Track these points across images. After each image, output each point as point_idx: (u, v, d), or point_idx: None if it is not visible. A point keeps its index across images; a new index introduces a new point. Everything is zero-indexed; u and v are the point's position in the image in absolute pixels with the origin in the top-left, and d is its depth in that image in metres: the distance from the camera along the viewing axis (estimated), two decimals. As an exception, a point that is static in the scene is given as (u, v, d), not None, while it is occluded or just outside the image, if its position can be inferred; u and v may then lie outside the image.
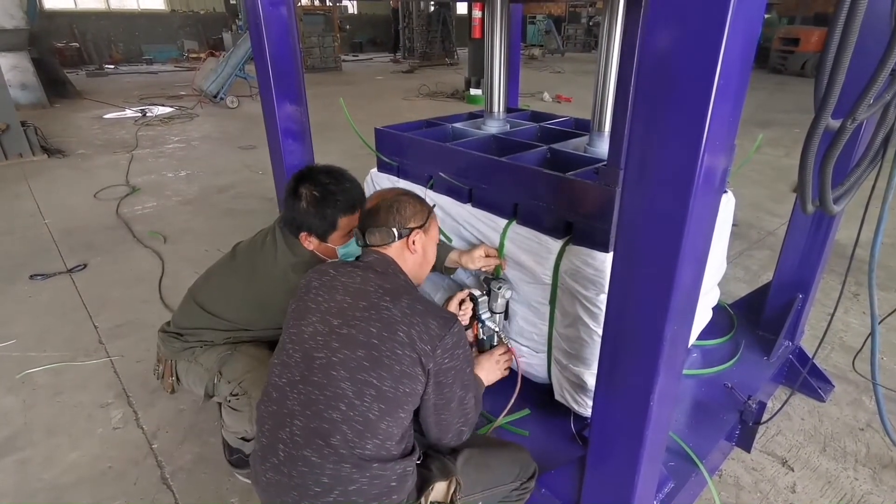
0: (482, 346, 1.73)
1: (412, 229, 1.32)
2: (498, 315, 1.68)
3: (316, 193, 1.55)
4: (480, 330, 1.67)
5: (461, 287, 1.71)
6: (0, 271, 3.36)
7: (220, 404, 1.79)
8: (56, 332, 2.72)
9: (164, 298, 3.03)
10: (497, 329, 1.69)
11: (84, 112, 8.65)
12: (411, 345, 1.11)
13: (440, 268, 1.78)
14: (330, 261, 1.35)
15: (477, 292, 1.66)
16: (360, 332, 1.13)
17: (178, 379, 1.78)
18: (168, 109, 8.82)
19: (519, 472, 1.38)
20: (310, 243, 1.60)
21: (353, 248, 1.63)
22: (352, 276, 1.24)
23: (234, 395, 1.63)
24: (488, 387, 1.58)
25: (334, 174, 1.61)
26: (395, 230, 1.30)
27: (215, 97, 9.07)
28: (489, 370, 1.61)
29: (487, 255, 1.70)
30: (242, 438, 1.76)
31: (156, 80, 12.59)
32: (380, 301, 1.17)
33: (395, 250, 1.31)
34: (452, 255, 1.76)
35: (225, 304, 1.69)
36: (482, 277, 1.72)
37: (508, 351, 1.71)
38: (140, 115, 8.31)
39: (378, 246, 1.31)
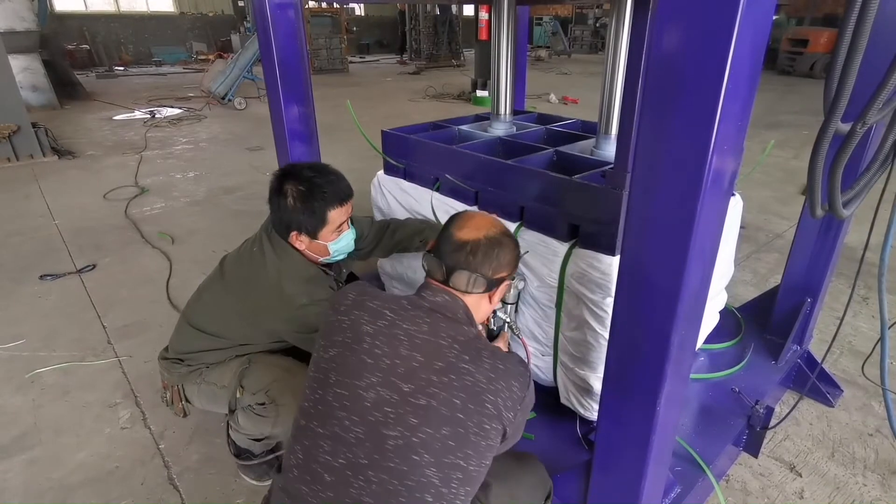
0: (491, 336, 1.73)
1: (503, 280, 1.15)
2: (510, 306, 1.68)
3: (302, 188, 1.50)
4: (492, 320, 1.67)
5: None
6: (10, 271, 3.40)
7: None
8: (65, 332, 2.74)
9: (172, 299, 3.05)
10: (508, 320, 1.69)
11: (94, 113, 8.73)
12: (498, 416, 0.96)
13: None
14: (374, 294, 1.11)
15: None
16: (443, 403, 0.94)
17: (188, 401, 1.77)
18: (177, 111, 8.88)
19: (546, 496, 1.33)
20: (300, 243, 1.57)
21: (344, 244, 1.62)
22: (417, 324, 1.03)
23: (260, 404, 1.61)
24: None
25: (317, 168, 1.57)
26: (487, 281, 1.11)
27: (223, 99, 9.12)
28: None
29: None
30: (254, 439, 1.77)
31: (165, 82, 12.68)
32: (458, 362, 0.98)
33: (474, 298, 1.12)
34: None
35: (221, 322, 1.65)
36: None
37: (521, 343, 1.71)
38: (149, 116, 8.37)
39: (457, 290, 1.11)
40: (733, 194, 1.71)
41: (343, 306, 1.09)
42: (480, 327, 1.53)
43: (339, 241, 1.60)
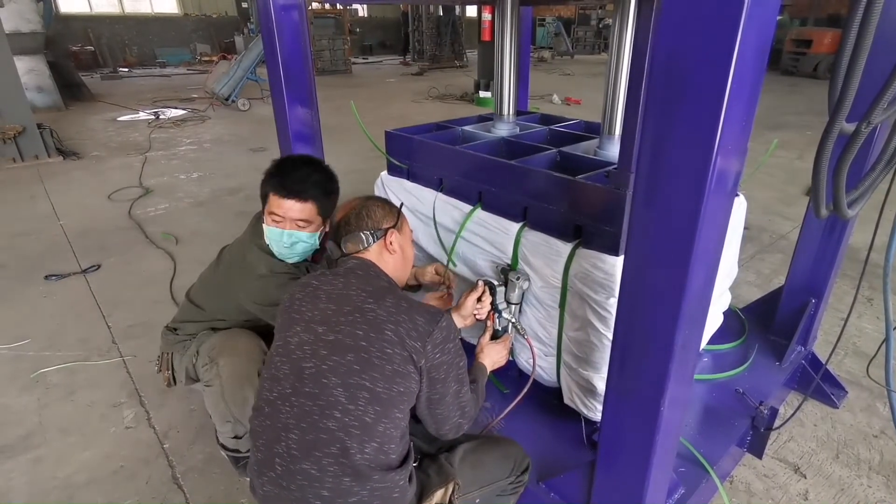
0: (497, 337, 1.73)
1: (386, 230, 1.34)
2: (514, 306, 1.68)
3: (270, 167, 1.61)
4: (497, 320, 1.67)
5: (475, 283, 1.72)
6: (16, 272, 3.42)
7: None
8: (70, 332, 2.75)
9: (176, 299, 3.06)
10: (513, 320, 1.69)
11: (98, 114, 8.77)
12: (401, 343, 1.11)
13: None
14: (313, 272, 1.35)
15: (495, 281, 1.67)
16: (347, 336, 1.12)
17: (174, 374, 1.86)
18: (180, 112, 8.91)
19: (513, 468, 1.40)
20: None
21: (271, 237, 1.61)
22: (333, 284, 1.23)
23: (204, 366, 1.69)
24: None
25: (307, 160, 1.66)
26: (368, 234, 1.32)
27: (227, 100, 9.15)
28: (495, 360, 1.62)
29: (437, 273, 1.80)
30: (235, 437, 1.79)
31: (169, 83, 12.73)
32: (363, 304, 1.16)
33: (373, 254, 1.32)
34: None
35: (205, 293, 1.82)
36: (500, 268, 1.72)
37: (526, 343, 1.73)
38: (153, 117, 8.41)
39: (355, 252, 1.32)
40: (737, 195, 1.71)
41: (293, 289, 1.31)
42: (467, 319, 1.62)
43: (270, 230, 1.60)
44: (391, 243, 1.34)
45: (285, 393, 1.14)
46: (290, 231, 1.58)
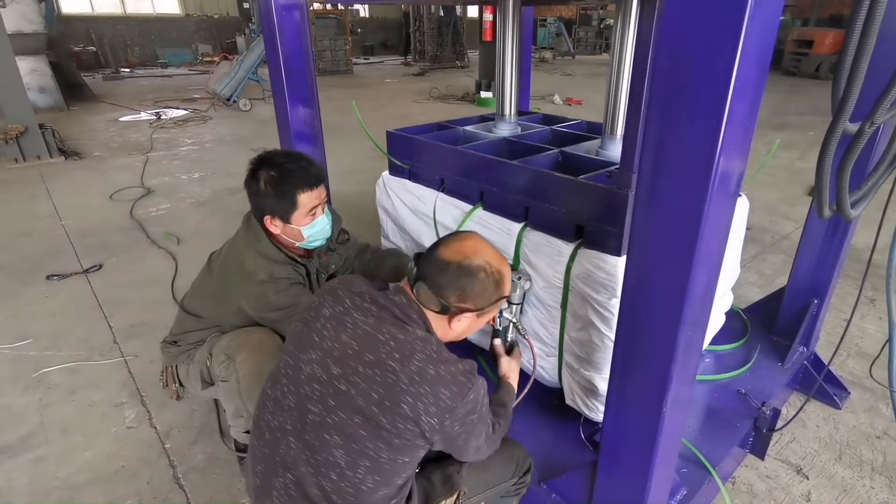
0: (497, 336, 1.73)
1: (464, 310, 1.13)
2: (515, 306, 1.68)
3: (273, 174, 1.57)
4: (498, 320, 1.67)
5: None
6: (17, 272, 3.42)
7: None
8: (71, 332, 2.75)
9: (178, 299, 3.06)
10: (514, 320, 1.69)
11: (100, 115, 8.78)
12: (415, 419, 0.99)
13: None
14: (352, 285, 1.16)
15: None
16: (360, 394, 1.01)
17: (181, 385, 1.86)
18: (182, 112, 8.92)
19: (516, 469, 1.39)
20: (275, 227, 1.63)
21: (319, 229, 1.65)
22: (366, 314, 1.08)
23: (220, 364, 1.68)
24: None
25: (289, 154, 1.65)
26: (446, 307, 1.11)
27: (228, 100, 9.16)
28: (517, 378, 1.55)
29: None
30: (247, 432, 1.78)
31: (170, 84, 12.74)
32: (387, 358, 1.02)
33: (432, 314, 1.14)
34: None
35: (201, 302, 1.79)
36: None
37: (527, 343, 1.72)
38: (155, 117, 8.42)
39: (417, 299, 1.13)
40: (739, 195, 1.70)
41: (321, 290, 1.19)
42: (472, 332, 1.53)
43: (313, 226, 1.64)
44: (459, 321, 1.14)
45: (286, 428, 1.07)
46: (327, 211, 1.67)
